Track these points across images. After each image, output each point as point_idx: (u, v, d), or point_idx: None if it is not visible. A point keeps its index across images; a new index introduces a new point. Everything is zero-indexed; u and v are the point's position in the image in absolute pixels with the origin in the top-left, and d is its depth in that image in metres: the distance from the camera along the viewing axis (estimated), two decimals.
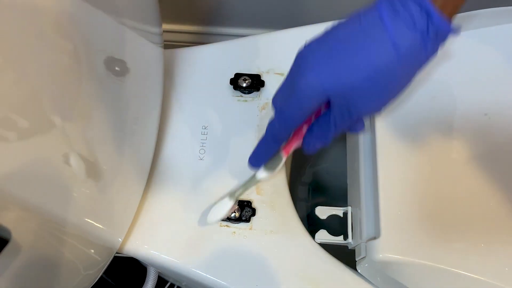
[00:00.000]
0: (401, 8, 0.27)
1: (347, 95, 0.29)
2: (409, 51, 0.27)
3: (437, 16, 0.26)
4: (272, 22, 0.69)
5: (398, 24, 0.27)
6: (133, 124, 0.40)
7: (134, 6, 0.39)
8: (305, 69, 0.29)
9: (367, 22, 0.28)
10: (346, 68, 0.28)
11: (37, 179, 0.29)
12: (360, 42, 0.28)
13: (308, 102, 0.29)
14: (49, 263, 0.33)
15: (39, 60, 0.28)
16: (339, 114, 0.30)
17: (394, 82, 0.29)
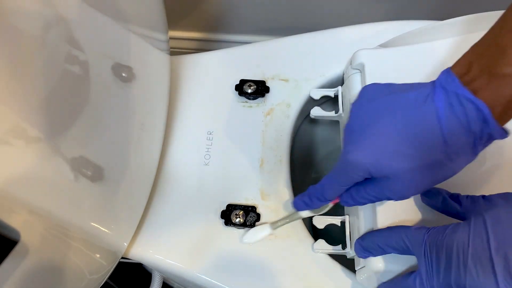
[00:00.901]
0: (458, 106, 0.27)
1: (389, 180, 0.29)
2: (458, 149, 0.27)
3: (494, 123, 0.26)
4: (276, 29, 0.70)
5: (453, 121, 0.27)
6: (140, 129, 0.40)
7: (141, 14, 0.39)
8: (352, 147, 0.29)
9: (422, 111, 0.27)
10: (395, 158, 0.28)
11: (45, 183, 0.29)
12: (413, 136, 0.28)
13: (353, 175, 0.30)
14: (55, 267, 0.33)
15: (49, 66, 0.28)
16: (377, 190, 0.31)
17: (437, 176, 0.29)
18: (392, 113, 0.29)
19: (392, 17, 0.66)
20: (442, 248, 0.27)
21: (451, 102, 0.27)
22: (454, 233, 0.27)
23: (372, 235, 0.34)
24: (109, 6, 0.34)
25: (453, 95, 0.27)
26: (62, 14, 0.29)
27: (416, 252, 0.29)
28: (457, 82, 0.27)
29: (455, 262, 0.26)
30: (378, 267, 0.34)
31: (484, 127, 0.26)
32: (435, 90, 0.28)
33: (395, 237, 0.31)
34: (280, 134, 0.45)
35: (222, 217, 0.42)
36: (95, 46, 0.33)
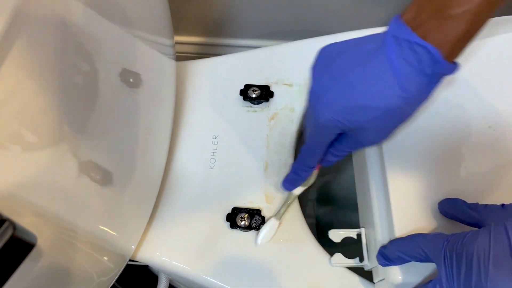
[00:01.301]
0: (410, 52, 0.28)
1: (358, 131, 0.32)
2: (415, 93, 0.29)
3: (444, 63, 0.28)
4: (281, 34, 0.71)
5: (406, 68, 0.28)
6: (146, 134, 0.41)
7: (147, 19, 0.40)
8: (321, 110, 0.32)
9: (377, 65, 0.29)
10: (358, 110, 0.30)
11: (55, 188, 0.30)
12: (370, 84, 0.29)
13: (327, 136, 0.34)
14: (64, 270, 0.33)
15: (57, 72, 0.29)
16: (350, 143, 0.35)
17: (398, 119, 0.32)
18: (350, 70, 0.30)
19: None
20: (462, 255, 0.27)
21: (403, 49, 0.28)
22: (474, 240, 0.27)
23: (391, 244, 0.34)
24: (115, 12, 0.35)
25: (404, 43, 0.28)
26: (70, 21, 0.30)
27: (435, 259, 0.30)
28: (407, 28, 0.28)
29: (475, 268, 0.26)
30: (398, 279, 0.34)
31: (436, 68, 0.28)
32: (386, 40, 0.29)
33: (413, 246, 0.32)
34: (284, 138, 0.46)
35: (228, 220, 0.42)
36: (103, 52, 0.34)
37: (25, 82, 0.26)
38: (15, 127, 0.26)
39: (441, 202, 0.35)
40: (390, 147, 0.38)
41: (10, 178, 0.26)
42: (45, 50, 0.28)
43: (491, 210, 0.30)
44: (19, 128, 0.26)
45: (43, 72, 0.28)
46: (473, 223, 0.31)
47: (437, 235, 0.30)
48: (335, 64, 0.31)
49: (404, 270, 0.34)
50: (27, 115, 0.27)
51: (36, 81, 0.27)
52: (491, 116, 0.39)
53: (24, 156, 0.27)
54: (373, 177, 0.39)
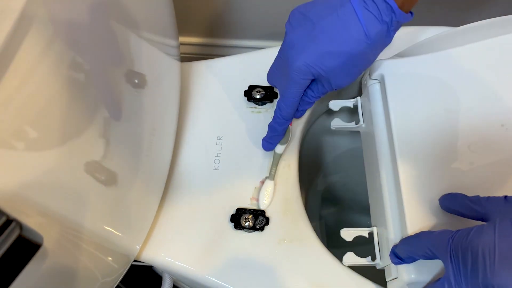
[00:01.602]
0: (371, 3, 0.33)
1: (329, 74, 0.36)
2: (378, 39, 0.34)
3: (399, 11, 0.33)
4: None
5: (369, 17, 0.33)
6: (151, 134, 0.41)
7: (152, 20, 0.40)
8: (296, 57, 0.35)
9: (343, 15, 0.34)
10: (329, 55, 0.35)
11: (60, 188, 0.30)
12: (339, 32, 0.34)
13: (302, 82, 0.37)
14: (69, 270, 0.33)
15: (63, 72, 0.29)
16: (321, 87, 0.38)
17: (364, 63, 0.36)
18: (321, 19, 0.35)
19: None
20: (467, 252, 0.27)
21: (366, 1, 0.33)
22: (479, 236, 0.27)
23: (401, 243, 0.35)
24: (120, 13, 0.35)
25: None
26: (76, 22, 0.30)
27: (441, 257, 0.30)
28: None
29: (481, 264, 0.26)
30: (410, 278, 0.34)
31: (393, 16, 0.33)
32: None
33: (420, 244, 0.32)
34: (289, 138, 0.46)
35: (232, 221, 0.42)
36: (108, 53, 0.34)
37: (31, 81, 0.26)
38: (20, 126, 0.26)
39: (441, 197, 0.35)
40: (403, 146, 0.38)
41: (16, 178, 0.26)
42: (50, 50, 0.28)
43: (494, 203, 0.30)
44: (24, 127, 0.26)
45: (48, 72, 0.28)
46: (477, 217, 0.31)
47: (442, 233, 0.30)
48: (306, 17, 0.36)
49: (416, 268, 0.34)
50: (32, 114, 0.27)
51: (41, 81, 0.27)
52: (504, 115, 0.39)
53: (30, 156, 0.27)
54: (385, 176, 0.39)
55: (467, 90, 0.40)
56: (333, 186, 0.64)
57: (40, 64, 0.27)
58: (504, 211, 0.28)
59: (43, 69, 0.27)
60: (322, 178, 0.61)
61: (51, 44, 0.27)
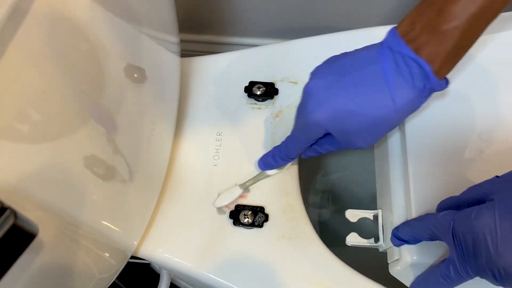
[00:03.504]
0: (403, 66, 0.30)
1: (344, 134, 0.33)
2: (405, 105, 0.31)
3: (435, 78, 0.29)
4: (286, 31, 0.70)
5: (399, 81, 0.30)
6: (150, 129, 0.41)
7: (153, 16, 0.40)
8: (313, 108, 0.33)
9: (370, 75, 0.31)
10: (347, 114, 0.32)
11: (57, 181, 0.30)
12: (362, 92, 0.31)
13: (314, 134, 0.35)
14: (65, 265, 0.33)
15: (62, 65, 0.29)
16: (337, 144, 0.36)
17: (386, 127, 0.33)
18: (346, 74, 0.32)
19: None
20: (469, 234, 0.27)
21: (397, 61, 0.30)
22: (480, 218, 0.27)
23: (403, 225, 0.35)
24: (122, 8, 0.35)
25: (398, 55, 0.30)
26: (77, 15, 0.30)
27: (445, 239, 0.30)
28: (401, 42, 0.29)
29: (484, 247, 0.26)
30: (412, 259, 0.34)
31: (426, 82, 0.29)
32: (381, 51, 0.31)
33: (423, 227, 0.32)
34: None
35: (231, 217, 0.42)
36: (108, 47, 0.34)
37: (29, 74, 0.26)
38: (18, 119, 0.26)
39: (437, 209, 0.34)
40: (413, 131, 0.39)
41: (13, 170, 0.25)
42: (51, 44, 0.28)
43: (488, 185, 0.29)
44: (22, 121, 0.26)
45: (48, 65, 0.28)
46: (475, 203, 0.31)
47: (445, 215, 0.30)
48: (334, 67, 0.33)
49: (418, 250, 0.34)
50: (31, 107, 0.27)
51: (40, 74, 0.27)
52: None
53: (27, 149, 0.27)
54: (393, 160, 0.40)
55: (479, 78, 0.41)
56: (333, 184, 0.63)
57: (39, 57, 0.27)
58: (500, 190, 0.28)
59: (41, 62, 0.27)
60: (322, 176, 0.61)
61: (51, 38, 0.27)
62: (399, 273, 0.37)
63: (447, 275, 0.30)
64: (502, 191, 0.27)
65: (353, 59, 0.33)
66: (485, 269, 0.26)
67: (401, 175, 0.39)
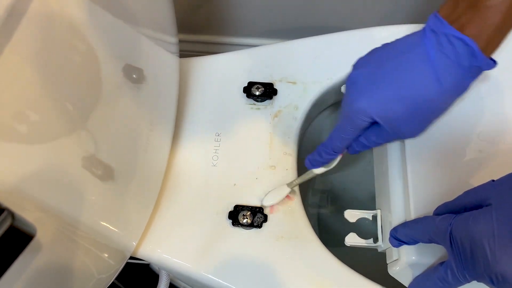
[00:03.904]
0: (447, 45, 0.29)
1: (391, 120, 0.32)
2: (451, 86, 0.30)
3: (481, 55, 0.28)
4: (284, 32, 0.70)
5: (444, 60, 0.29)
6: (149, 130, 0.41)
7: (151, 16, 0.40)
8: (356, 95, 0.32)
9: (413, 57, 0.30)
10: (393, 98, 0.31)
11: (56, 182, 0.30)
12: (407, 75, 0.30)
13: (359, 123, 0.33)
14: (64, 265, 0.33)
15: (60, 66, 0.29)
16: (385, 134, 0.34)
17: (434, 111, 0.32)
18: (389, 60, 0.31)
19: (403, 19, 0.66)
20: (467, 239, 0.27)
21: (441, 42, 0.29)
22: (477, 223, 0.27)
23: (402, 227, 0.35)
24: (120, 9, 0.35)
25: (442, 36, 0.29)
26: (75, 16, 0.30)
27: (443, 243, 0.30)
28: (444, 22, 0.29)
29: (482, 252, 0.26)
30: (411, 260, 0.34)
31: (473, 60, 0.28)
32: (425, 34, 0.30)
33: (421, 230, 0.32)
34: (288, 136, 0.46)
35: (230, 217, 0.42)
36: (107, 48, 0.34)
37: (27, 75, 0.26)
38: (16, 120, 0.26)
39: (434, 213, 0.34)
40: None
41: (11, 171, 0.25)
42: (48, 45, 0.28)
43: (484, 190, 0.29)
44: (20, 122, 0.26)
45: (46, 66, 0.27)
46: (472, 208, 0.31)
47: (442, 219, 0.30)
48: (375, 55, 0.33)
49: (417, 250, 0.34)
50: (29, 108, 0.27)
51: (38, 75, 0.27)
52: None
53: (26, 150, 0.27)
54: (392, 160, 0.40)
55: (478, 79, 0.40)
56: (332, 184, 0.63)
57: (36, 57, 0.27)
58: (497, 195, 0.27)
59: (39, 62, 0.27)
60: (321, 176, 0.61)
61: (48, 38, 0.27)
62: (398, 273, 0.37)
63: (445, 279, 0.30)
64: (499, 196, 0.27)
65: (395, 46, 0.32)
66: (483, 274, 0.26)
67: (400, 175, 0.39)
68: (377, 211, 0.41)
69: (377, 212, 0.41)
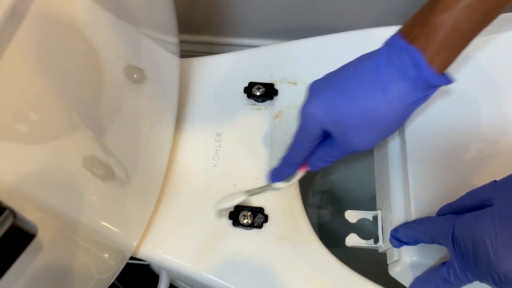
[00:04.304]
0: (395, 58, 0.30)
1: (340, 128, 0.32)
2: (398, 97, 0.30)
3: (426, 67, 0.29)
4: (285, 33, 0.71)
5: (389, 70, 0.30)
6: (150, 130, 0.41)
7: (152, 17, 0.40)
8: (309, 100, 0.33)
9: (364, 65, 0.31)
10: (342, 105, 0.31)
11: (56, 182, 0.30)
12: (355, 83, 0.31)
13: (310, 129, 0.33)
14: (64, 265, 0.33)
15: (61, 66, 0.29)
16: (335, 144, 0.34)
17: (383, 123, 0.31)
18: (341, 71, 0.33)
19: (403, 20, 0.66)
20: (469, 239, 0.27)
21: (389, 54, 0.30)
22: (480, 223, 0.27)
23: (403, 227, 0.35)
24: (121, 9, 0.35)
25: (391, 48, 0.30)
26: (76, 16, 0.30)
27: (445, 244, 0.30)
28: (397, 36, 0.30)
29: (485, 252, 0.26)
30: (412, 261, 0.34)
31: (418, 71, 0.29)
32: (379, 48, 0.31)
33: (422, 230, 0.32)
34: (288, 136, 0.46)
35: (230, 218, 0.42)
36: (108, 48, 0.34)
37: (28, 75, 0.26)
38: (18, 120, 0.26)
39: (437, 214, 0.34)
40: (413, 133, 0.39)
41: (12, 171, 0.25)
42: (50, 45, 0.28)
43: (485, 191, 0.29)
44: (22, 122, 0.26)
45: (47, 66, 0.28)
46: (475, 208, 0.31)
47: (444, 219, 0.30)
48: (334, 71, 0.34)
49: (418, 251, 0.34)
50: (30, 108, 0.27)
51: (39, 75, 0.27)
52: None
53: (26, 150, 0.27)
54: (393, 160, 0.40)
55: (479, 79, 0.41)
56: (332, 185, 0.63)
57: (38, 57, 0.27)
58: (499, 195, 0.28)
59: (41, 63, 0.27)
60: (321, 177, 0.61)
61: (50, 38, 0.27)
62: (398, 274, 0.37)
63: (447, 279, 0.30)
64: (502, 196, 0.27)
65: (353, 60, 0.33)
66: (485, 274, 0.26)
67: (401, 175, 0.39)
68: (378, 211, 0.41)
69: (377, 212, 0.41)
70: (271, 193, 0.43)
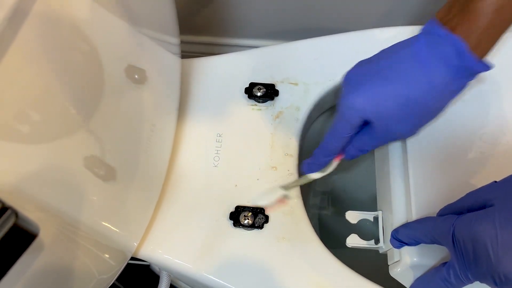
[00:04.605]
0: (437, 45, 0.30)
1: (382, 118, 0.32)
2: (441, 86, 0.30)
3: (469, 55, 0.29)
4: (286, 33, 0.71)
5: (432, 60, 0.30)
6: (150, 130, 0.41)
7: (153, 17, 0.40)
8: (348, 91, 0.33)
9: (405, 54, 0.31)
10: (383, 95, 0.31)
11: (57, 182, 0.30)
12: (397, 73, 0.31)
13: (351, 120, 0.33)
14: (65, 265, 0.33)
15: (63, 66, 0.29)
16: (375, 133, 0.34)
17: (425, 111, 0.32)
18: (381, 60, 0.32)
19: (405, 21, 0.66)
20: (470, 240, 0.27)
21: (431, 42, 0.30)
22: (480, 224, 0.27)
23: (404, 227, 0.35)
24: (122, 9, 0.35)
25: (433, 36, 0.30)
26: (78, 16, 0.30)
27: (445, 244, 0.30)
28: (436, 24, 0.30)
29: (485, 253, 0.26)
30: (413, 261, 0.34)
31: (461, 60, 0.29)
32: (419, 35, 0.31)
33: (423, 230, 0.32)
34: (289, 137, 0.46)
35: (231, 218, 0.42)
36: (109, 48, 0.34)
37: (30, 75, 0.26)
38: (19, 120, 0.26)
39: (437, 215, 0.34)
40: (414, 136, 0.39)
41: (14, 171, 0.25)
42: (51, 46, 0.28)
43: (486, 191, 0.29)
44: (23, 122, 0.26)
45: (49, 66, 0.28)
46: (476, 208, 0.31)
47: (445, 219, 0.30)
48: (371, 58, 0.34)
49: (419, 252, 0.34)
50: (31, 108, 0.27)
51: (40, 75, 0.27)
52: None
53: (28, 150, 0.27)
54: (394, 160, 0.40)
55: (479, 79, 0.41)
56: (333, 185, 0.63)
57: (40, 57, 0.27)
58: (500, 196, 0.28)
59: (42, 62, 0.27)
60: (322, 177, 0.61)
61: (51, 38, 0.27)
62: (399, 274, 0.37)
63: (447, 280, 0.30)
64: (502, 197, 0.27)
65: (391, 47, 0.33)
66: (486, 275, 0.26)
67: (402, 176, 0.39)
68: (379, 212, 0.41)
69: (378, 213, 0.41)
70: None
